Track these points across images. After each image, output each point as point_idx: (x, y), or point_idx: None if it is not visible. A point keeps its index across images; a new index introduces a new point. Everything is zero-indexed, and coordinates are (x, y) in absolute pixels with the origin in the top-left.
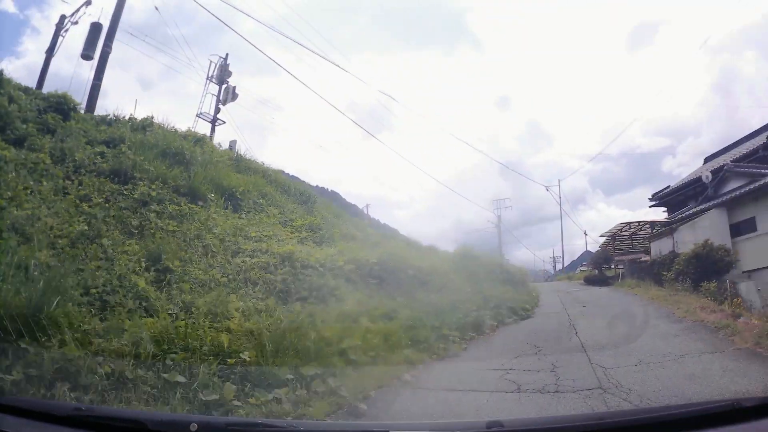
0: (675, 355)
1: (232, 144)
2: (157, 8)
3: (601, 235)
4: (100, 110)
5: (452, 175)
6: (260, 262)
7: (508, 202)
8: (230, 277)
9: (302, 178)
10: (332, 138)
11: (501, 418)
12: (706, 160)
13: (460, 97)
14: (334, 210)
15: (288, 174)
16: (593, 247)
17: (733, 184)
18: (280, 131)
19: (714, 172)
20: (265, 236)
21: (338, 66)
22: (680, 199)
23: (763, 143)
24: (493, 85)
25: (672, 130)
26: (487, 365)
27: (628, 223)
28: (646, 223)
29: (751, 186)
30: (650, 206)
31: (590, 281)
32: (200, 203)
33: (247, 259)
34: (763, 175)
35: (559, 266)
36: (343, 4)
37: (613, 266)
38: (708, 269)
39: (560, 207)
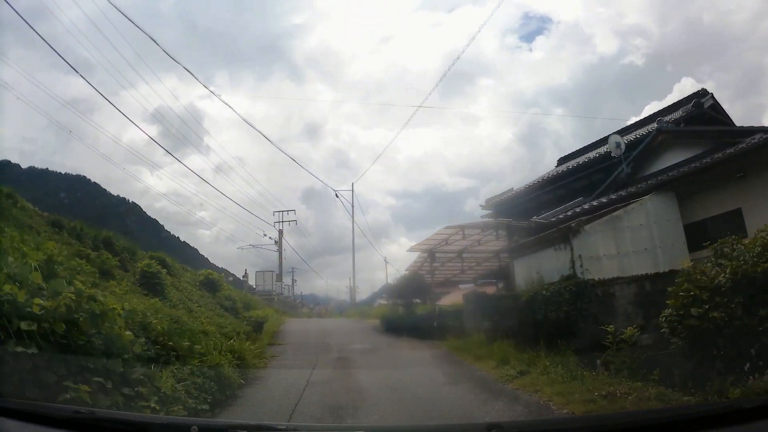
0: None
1: None
2: None
3: (411, 249)
4: None
5: (253, 196)
6: None
7: (292, 214)
8: None
9: (105, 187)
10: (145, 150)
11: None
12: (560, 161)
13: (273, 120)
14: None
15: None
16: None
17: (677, 156)
18: (92, 136)
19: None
20: None
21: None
22: (535, 204)
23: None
24: (305, 112)
25: (477, 173)
26: None
27: (460, 228)
28: (496, 224)
29: (738, 148)
30: (483, 217)
31: (391, 326)
32: None
33: None
34: (745, 134)
35: (357, 296)
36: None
37: (429, 300)
38: None
39: (352, 215)
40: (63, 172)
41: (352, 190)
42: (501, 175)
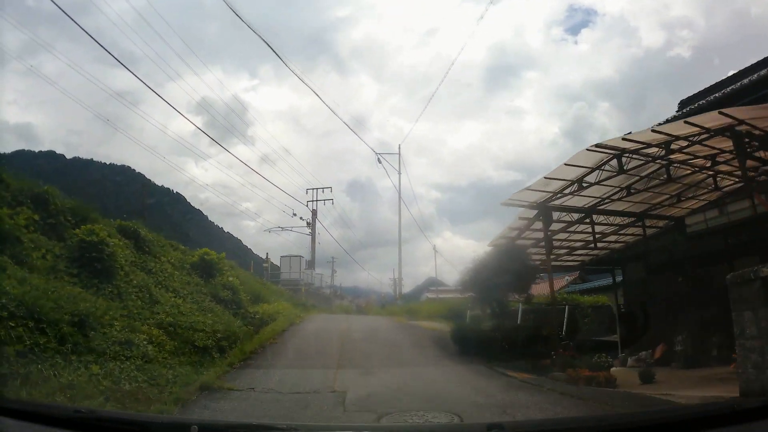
0: None
1: None
2: None
3: (507, 202)
4: None
5: (300, 185)
6: None
7: (328, 192)
8: None
9: (149, 177)
10: (190, 141)
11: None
12: (682, 104)
13: (318, 113)
14: None
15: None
16: (444, 273)
17: None
18: (137, 128)
19: None
20: None
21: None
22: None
23: None
24: (351, 104)
25: (523, 167)
26: None
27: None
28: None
29: None
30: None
31: (470, 341)
32: None
33: None
34: None
35: (401, 289)
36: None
37: (530, 295)
38: None
39: (399, 176)
40: (107, 163)
41: (399, 153)
42: (547, 168)
